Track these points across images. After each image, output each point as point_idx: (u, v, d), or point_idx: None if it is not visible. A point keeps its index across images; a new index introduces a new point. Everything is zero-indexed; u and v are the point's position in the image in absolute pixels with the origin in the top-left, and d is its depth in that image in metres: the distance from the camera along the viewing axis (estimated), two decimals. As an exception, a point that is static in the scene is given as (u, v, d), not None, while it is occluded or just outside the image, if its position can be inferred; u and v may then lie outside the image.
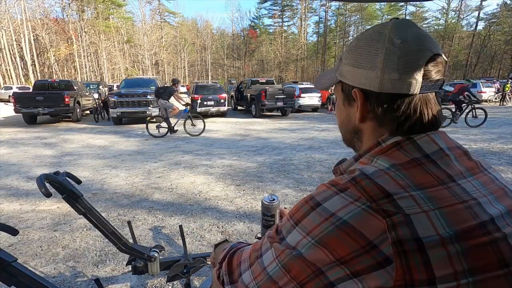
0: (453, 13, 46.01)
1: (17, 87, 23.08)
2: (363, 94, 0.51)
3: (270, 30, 60.85)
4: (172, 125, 8.27)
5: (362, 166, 0.48)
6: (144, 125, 8.54)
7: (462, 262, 0.40)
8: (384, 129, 0.51)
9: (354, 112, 0.54)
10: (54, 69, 39.56)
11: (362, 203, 0.42)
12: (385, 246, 0.40)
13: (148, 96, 10.13)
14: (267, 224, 0.87)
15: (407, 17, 53.13)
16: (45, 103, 10.05)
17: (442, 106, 9.99)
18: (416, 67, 0.47)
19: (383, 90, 0.48)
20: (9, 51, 34.18)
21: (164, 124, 8.31)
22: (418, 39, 0.48)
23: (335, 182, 0.47)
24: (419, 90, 0.47)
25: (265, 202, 0.86)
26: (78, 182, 1.32)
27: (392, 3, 40.32)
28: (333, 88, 0.60)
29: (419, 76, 0.47)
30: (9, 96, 15.32)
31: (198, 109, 11.64)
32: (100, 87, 16.51)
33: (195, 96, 11.82)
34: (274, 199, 0.87)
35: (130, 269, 1.58)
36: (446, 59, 0.50)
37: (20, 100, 10.07)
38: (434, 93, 0.51)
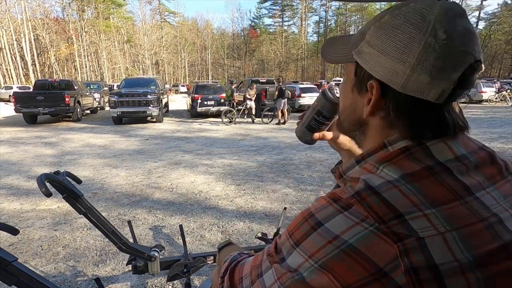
0: (454, 13, 46.01)
1: (17, 87, 23.10)
2: (380, 89, 0.43)
3: (271, 30, 60.95)
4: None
5: (367, 175, 0.42)
6: (143, 124, 8.53)
7: None
8: (394, 131, 0.44)
9: (362, 103, 0.46)
10: (55, 68, 39.61)
11: (369, 224, 0.37)
12: (398, 274, 0.35)
13: (148, 96, 10.13)
14: (317, 126, 0.66)
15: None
16: (45, 103, 10.07)
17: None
18: (453, 73, 0.39)
19: (406, 91, 0.41)
20: (10, 50, 34.21)
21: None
22: (466, 38, 0.39)
23: (336, 197, 0.41)
24: (441, 99, 0.40)
25: (329, 94, 0.62)
26: (79, 181, 1.32)
27: (392, 3, 40.17)
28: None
29: (451, 84, 0.39)
30: (10, 95, 15.37)
31: (199, 109, 11.63)
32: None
33: (195, 96, 11.82)
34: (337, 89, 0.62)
35: (130, 268, 1.58)
36: (483, 66, 0.42)
37: (20, 99, 10.09)
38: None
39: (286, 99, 10.12)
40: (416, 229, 0.36)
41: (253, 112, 11.14)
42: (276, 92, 10.18)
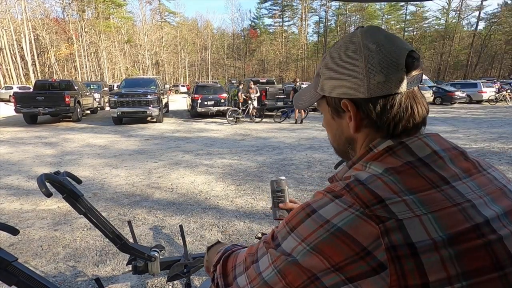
0: (454, 13, 46.00)
1: (17, 87, 23.10)
2: (353, 104, 0.51)
3: (271, 30, 60.92)
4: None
5: (356, 172, 0.49)
6: (144, 124, 8.53)
7: (456, 266, 0.40)
8: (379, 134, 0.51)
9: (346, 123, 0.54)
10: (55, 69, 39.61)
11: (355, 210, 0.42)
12: (379, 252, 0.40)
13: (149, 96, 10.13)
14: (278, 200, 0.90)
15: (407, 17, 52.67)
16: (45, 103, 10.07)
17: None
18: (398, 66, 0.48)
19: (373, 95, 0.48)
20: (10, 51, 34.21)
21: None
22: (390, 40, 0.50)
23: (330, 189, 0.47)
24: (405, 87, 0.48)
25: (277, 179, 0.91)
26: (79, 182, 1.32)
27: (392, 3, 40.26)
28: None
29: (403, 74, 0.48)
30: (10, 96, 15.36)
31: (199, 109, 11.63)
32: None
33: (196, 96, 11.81)
34: (282, 177, 0.92)
35: (130, 268, 1.58)
36: (419, 54, 0.51)
37: (20, 100, 10.09)
38: (417, 87, 0.52)
39: None
40: (395, 212, 0.41)
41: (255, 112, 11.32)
42: (292, 92, 10.85)
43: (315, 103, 0.60)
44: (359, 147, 0.54)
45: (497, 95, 17.65)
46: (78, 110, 11.28)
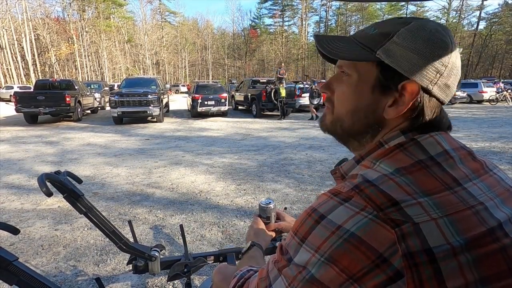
0: (454, 12, 45.93)
1: (18, 87, 23.10)
2: (421, 90, 0.46)
3: (271, 30, 60.89)
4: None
5: (364, 170, 0.45)
6: (144, 124, 8.54)
7: (474, 272, 0.38)
8: (408, 129, 0.48)
9: (385, 103, 0.47)
10: (55, 68, 39.63)
11: (368, 213, 0.39)
12: (396, 259, 0.37)
13: (149, 96, 10.13)
14: (264, 222, 0.94)
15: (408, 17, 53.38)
16: (46, 103, 10.07)
17: None
18: (457, 80, 0.48)
19: (436, 93, 0.46)
20: (10, 50, 34.23)
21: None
22: (459, 58, 0.49)
23: (337, 191, 0.43)
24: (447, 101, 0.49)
25: (262, 205, 0.92)
26: (79, 181, 1.32)
27: (393, 3, 40.23)
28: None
29: (454, 89, 0.48)
30: (10, 95, 15.36)
31: (199, 109, 11.62)
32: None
33: (196, 95, 11.81)
34: (270, 202, 0.92)
35: (130, 268, 1.58)
36: None
37: (21, 99, 10.09)
38: None
39: (319, 98, 11.16)
40: (411, 215, 0.38)
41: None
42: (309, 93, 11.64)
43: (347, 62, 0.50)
44: (382, 135, 0.49)
45: (497, 95, 17.62)
46: (79, 109, 11.28)
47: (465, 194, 0.42)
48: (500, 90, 18.27)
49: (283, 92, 11.41)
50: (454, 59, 0.46)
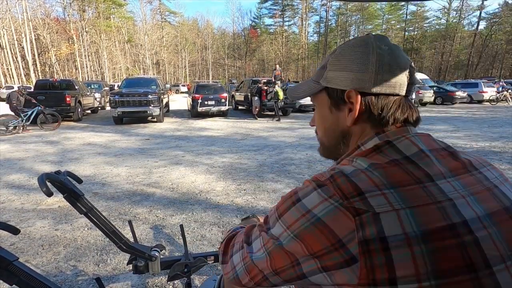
0: (455, 12, 45.91)
1: (18, 87, 23.09)
2: (359, 94, 0.52)
3: (271, 30, 60.86)
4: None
5: (343, 166, 0.50)
6: (144, 124, 8.55)
7: (426, 264, 0.39)
8: (373, 130, 0.53)
9: (343, 115, 0.55)
10: (55, 68, 39.63)
11: (335, 201, 0.44)
12: (352, 245, 0.41)
13: (149, 96, 10.12)
14: None
15: (408, 17, 52.51)
16: (46, 103, 10.05)
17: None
18: (403, 70, 0.52)
19: (378, 91, 0.52)
20: (11, 50, 34.25)
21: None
22: (398, 48, 0.54)
23: (316, 179, 0.49)
24: (405, 92, 0.53)
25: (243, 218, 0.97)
26: (79, 181, 1.32)
27: (393, 3, 40.21)
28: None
29: (406, 78, 0.52)
30: (11, 95, 15.32)
31: (199, 109, 11.62)
32: None
33: (196, 95, 11.81)
34: (253, 216, 0.96)
35: (131, 268, 1.58)
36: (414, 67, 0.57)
37: (21, 99, 10.07)
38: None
39: None
40: (373, 205, 0.42)
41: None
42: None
43: (310, 97, 0.62)
44: (354, 142, 0.56)
45: (498, 95, 17.62)
46: (79, 109, 11.29)
47: (435, 190, 0.44)
48: (502, 87, 18.26)
49: (280, 94, 11.40)
50: (382, 58, 0.51)
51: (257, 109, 11.81)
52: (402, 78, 0.52)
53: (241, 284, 0.57)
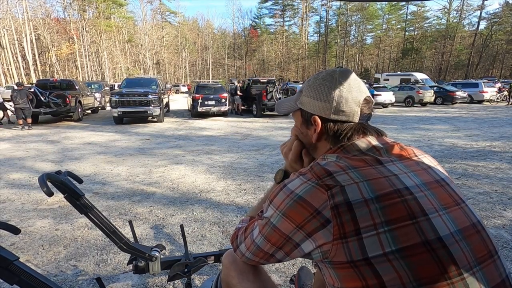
0: (455, 12, 45.86)
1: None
2: (320, 120, 0.70)
3: (271, 30, 60.87)
4: None
5: (318, 161, 0.67)
6: (144, 124, 8.55)
7: (380, 216, 0.55)
8: (329, 148, 0.71)
9: (311, 133, 0.74)
10: (56, 68, 39.63)
11: (312, 182, 0.60)
12: (326, 211, 0.57)
13: (149, 96, 10.12)
14: None
15: (408, 17, 52.57)
16: (46, 103, 10.07)
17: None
18: (357, 103, 0.69)
19: (335, 118, 0.69)
20: (11, 50, 34.24)
21: None
22: (357, 83, 0.70)
23: (300, 171, 0.66)
24: (358, 119, 0.69)
25: None
26: (80, 181, 1.32)
27: (393, 3, 40.19)
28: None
29: (358, 109, 0.69)
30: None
31: (199, 109, 11.62)
32: None
33: (196, 95, 11.80)
34: None
35: (131, 268, 1.58)
36: (373, 100, 0.74)
37: (21, 99, 10.07)
38: (367, 123, 0.73)
39: None
40: (340, 181, 0.59)
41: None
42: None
43: (291, 113, 0.80)
44: (318, 153, 0.74)
45: (498, 95, 17.60)
46: (79, 109, 11.29)
47: (383, 169, 0.62)
48: (502, 86, 18.24)
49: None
50: (342, 93, 0.68)
51: (239, 106, 13.28)
52: (356, 109, 0.69)
53: (255, 263, 0.74)
